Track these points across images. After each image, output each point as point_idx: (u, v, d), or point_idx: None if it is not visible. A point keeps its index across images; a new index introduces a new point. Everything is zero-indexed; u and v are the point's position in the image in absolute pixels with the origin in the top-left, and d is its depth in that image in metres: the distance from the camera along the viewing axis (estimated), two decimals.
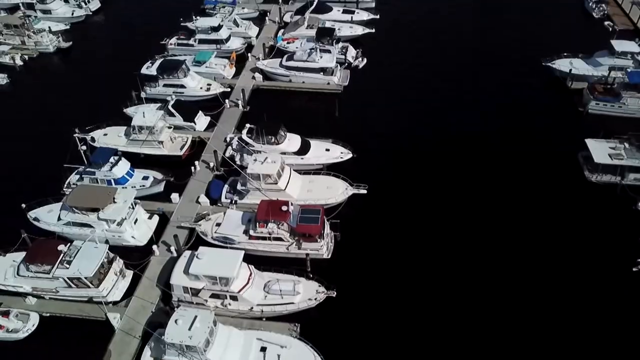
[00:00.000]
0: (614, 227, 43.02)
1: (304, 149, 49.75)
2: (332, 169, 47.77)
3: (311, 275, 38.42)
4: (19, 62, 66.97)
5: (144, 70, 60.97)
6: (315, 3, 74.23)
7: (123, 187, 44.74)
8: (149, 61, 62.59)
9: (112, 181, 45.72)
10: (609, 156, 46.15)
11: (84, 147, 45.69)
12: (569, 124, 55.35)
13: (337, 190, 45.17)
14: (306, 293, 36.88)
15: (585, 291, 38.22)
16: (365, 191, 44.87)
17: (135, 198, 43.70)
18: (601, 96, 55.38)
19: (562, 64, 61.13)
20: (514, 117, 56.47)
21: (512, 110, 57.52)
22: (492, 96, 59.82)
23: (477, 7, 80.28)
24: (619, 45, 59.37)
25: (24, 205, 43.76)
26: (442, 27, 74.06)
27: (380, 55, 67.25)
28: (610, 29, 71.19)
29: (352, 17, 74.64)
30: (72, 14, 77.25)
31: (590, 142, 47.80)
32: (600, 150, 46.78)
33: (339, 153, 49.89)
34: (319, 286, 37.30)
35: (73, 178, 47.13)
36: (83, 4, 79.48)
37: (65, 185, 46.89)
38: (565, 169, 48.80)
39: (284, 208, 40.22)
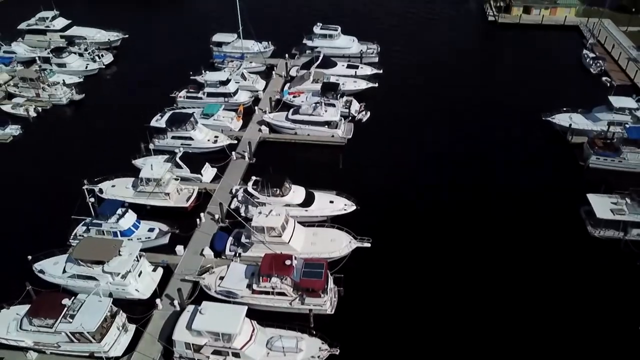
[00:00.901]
0: (618, 283, 42.81)
1: (308, 201, 50.35)
2: (336, 221, 48.23)
3: (314, 332, 38.15)
4: (32, 113, 68.95)
5: (153, 123, 62.61)
6: (320, 58, 76.89)
7: (129, 239, 45.22)
8: (159, 114, 64.36)
9: (118, 233, 46.21)
10: (611, 211, 46.46)
11: (92, 200, 46.51)
12: (570, 177, 56.00)
13: (341, 244, 45.39)
14: (309, 350, 36.51)
15: (590, 349, 37.65)
16: (369, 244, 45.10)
17: (141, 250, 44.06)
18: (601, 150, 56.25)
19: (562, 119, 62.46)
20: (516, 170, 57.23)
21: (514, 163, 58.37)
22: (494, 150, 60.85)
23: (478, 63, 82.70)
24: (616, 101, 60.80)
25: (30, 257, 44.15)
26: (444, 82, 76.07)
27: (384, 109, 68.90)
28: (608, 85, 73.06)
29: (356, 71, 76.95)
30: (86, 67, 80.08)
31: (592, 197, 48.23)
32: (602, 205, 47.14)
33: (342, 205, 50.42)
34: (322, 343, 36.96)
35: (80, 229, 47.65)
36: (97, 57, 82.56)
37: (72, 236, 47.38)
38: (568, 223, 49.07)
39: (288, 262, 40.40)
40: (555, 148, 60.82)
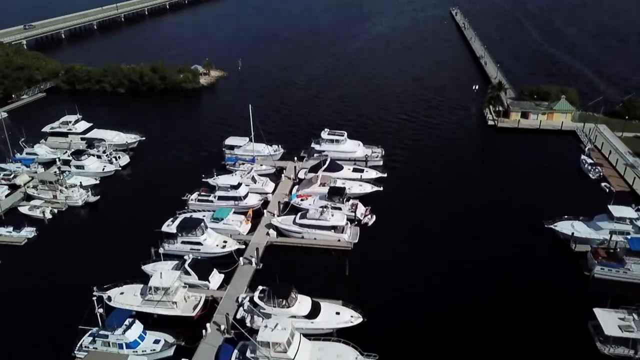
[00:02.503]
0: None
1: (314, 312, 50.46)
2: (342, 334, 48.02)
3: None
4: (48, 215, 71.25)
5: (164, 228, 64.24)
6: (327, 162, 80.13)
7: (134, 352, 45.15)
8: (170, 219, 66.13)
9: (124, 345, 46.25)
10: (619, 328, 46.16)
11: (101, 310, 47.01)
12: (575, 288, 56.06)
13: None
14: None
15: None
16: None
17: None
18: (605, 261, 56.73)
19: (564, 227, 63.52)
20: (521, 281, 57.36)
21: (518, 273, 58.62)
22: (499, 259, 61.32)
23: (479, 167, 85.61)
24: (616, 210, 62.17)
25: None
26: (447, 186, 78.41)
27: (389, 213, 70.52)
28: (607, 190, 74.84)
29: (361, 175, 79.76)
30: (103, 169, 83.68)
31: (599, 312, 48.10)
32: (609, 321, 46.91)
33: (349, 317, 50.43)
34: None
35: (86, 340, 47.70)
36: (114, 159, 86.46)
37: (77, 347, 47.36)
38: (576, 339, 48.54)
39: None
40: (559, 257, 61.36)
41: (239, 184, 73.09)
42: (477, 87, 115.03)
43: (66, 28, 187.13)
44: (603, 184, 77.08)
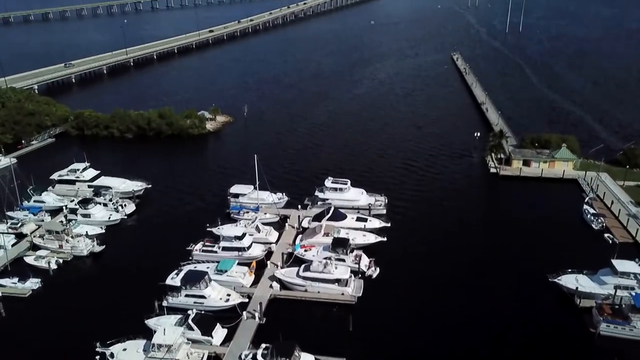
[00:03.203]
0: None
1: None
2: None
3: None
4: (53, 266, 71.68)
5: (168, 281, 64.47)
6: (331, 211, 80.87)
7: None
8: (174, 271, 66.42)
9: None
10: None
11: None
12: (582, 347, 55.53)
13: None
14: None
15: None
16: None
17: None
18: (610, 318, 56.40)
19: (568, 281, 63.49)
20: (526, 336, 57.07)
21: (523, 328, 58.37)
22: (504, 313, 61.19)
23: (482, 217, 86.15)
24: (620, 265, 62.25)
25: None
26: (450, 236, 78.74)
27: (392, 265, 70.72)
28: (611, 242, 74.92)
29: (365, 224, 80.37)
30: (109, 217, 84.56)
31: None
32: None
33: None
34: None
35: None
36: (120, 207, 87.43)
37: None
38: None
39: None
40: (564, 312, 61.09)
41: (243, 235, 73.70)
42: (478, 134, 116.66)
43: (77, 73, 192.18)
44: (606, 235, 77.23)
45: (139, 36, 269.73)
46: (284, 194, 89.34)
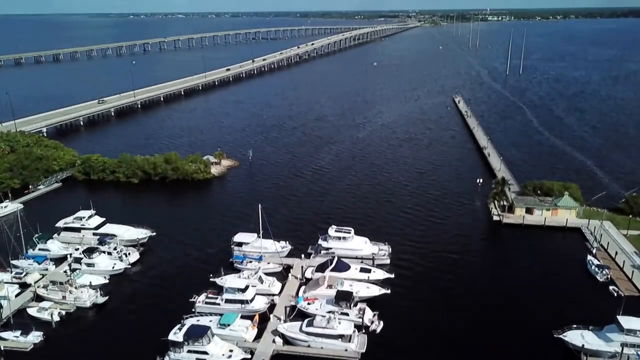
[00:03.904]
0: None
1: None
2: None
3: None
4: (56, 318, 71.43)
5: (171, 336, 63.98)
6: (334, 262, 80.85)
7: None
8: (177, 326, 66.02)
9: None
10: None
11: None
12: None
13: None
14: None
15: None
16: None
17: None
18: None
19: (574, 337, 62.84)
20: None
21: None
22: None
23: (486, 267, 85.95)
24: (626, 322, 61.70)
25: None
26: (454, 288, 78.36)
27: (396, 318, 70.32)
28: (616, 295, 74.40)
29: (368, 276, 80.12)
30: (113, 267, 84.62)
31: None
32: None
33: None
34: None
35: None
36: (124, 256, 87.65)
37: None
38: None
39: None
40: None
41: (247, 287, 73.63)
42: (481, 180, 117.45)
43: (85, 115, 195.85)
44: (611, 288, 76.72)
45: (146, 77, 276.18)
46: (287, 242, 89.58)
